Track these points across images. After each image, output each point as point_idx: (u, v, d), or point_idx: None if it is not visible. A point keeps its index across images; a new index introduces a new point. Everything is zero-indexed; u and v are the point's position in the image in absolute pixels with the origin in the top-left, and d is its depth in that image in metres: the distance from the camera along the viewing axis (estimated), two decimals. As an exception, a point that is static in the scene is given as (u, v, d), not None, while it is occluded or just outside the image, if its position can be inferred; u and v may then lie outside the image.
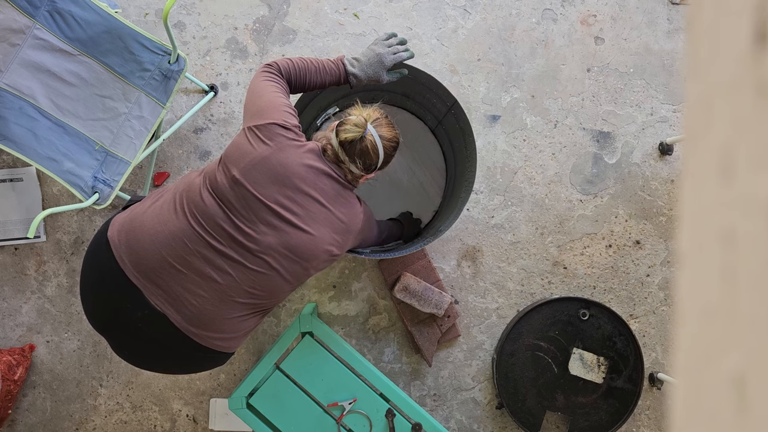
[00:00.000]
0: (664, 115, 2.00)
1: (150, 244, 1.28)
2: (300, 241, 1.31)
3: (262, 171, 1.28)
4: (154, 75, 1.60)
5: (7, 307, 1.97)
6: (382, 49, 1.52)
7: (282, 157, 1.29)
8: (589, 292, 1.97)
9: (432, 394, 1.97)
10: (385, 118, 1.40)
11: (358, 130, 1.33)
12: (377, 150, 1.36)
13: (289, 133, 1.32)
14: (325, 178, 1.32)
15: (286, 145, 1.30)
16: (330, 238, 1.34)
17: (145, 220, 1.32)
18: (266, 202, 1.28)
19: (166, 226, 1.29)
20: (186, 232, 1.28)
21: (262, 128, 1.30)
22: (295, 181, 1.29)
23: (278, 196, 1.28)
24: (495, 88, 2.00)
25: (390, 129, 1.40)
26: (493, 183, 1.98)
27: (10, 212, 1.94)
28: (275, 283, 1.32)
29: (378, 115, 1.40)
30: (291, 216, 1.29)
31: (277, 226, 1.28)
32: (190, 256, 1.27)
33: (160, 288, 1.28)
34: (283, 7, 1.99)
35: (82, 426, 1.97)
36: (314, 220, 1.31)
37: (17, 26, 1.51)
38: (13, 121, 1.50)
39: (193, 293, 1.29)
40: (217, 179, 1.30)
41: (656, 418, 1.97)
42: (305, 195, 1.30)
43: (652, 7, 2.02)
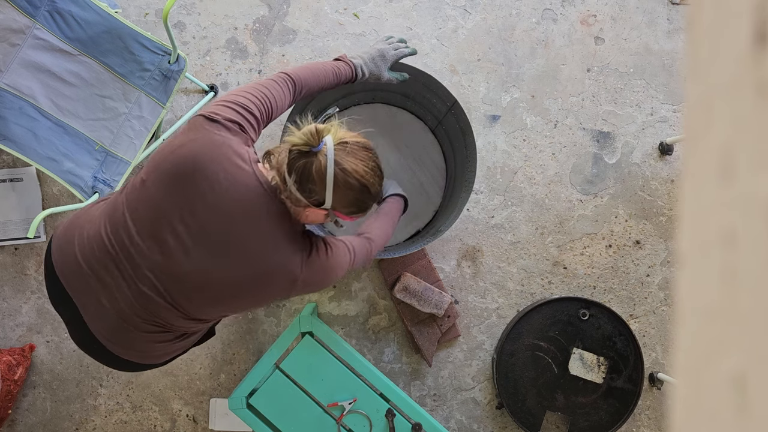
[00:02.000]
0: (664, 115, 2.00)
1: (70, 245, 1.17)
2: (184, 270, 1.08)
3: (166, 171, 1.07)
4: (154, 75, 1.61)
5: (7, 307, 1.97)
6: (383, 45, 1.46)
7: (193, 150, 1.06)
8: (589, 292, 1.97)
9: (432, 394, 1.97)
10: (363, 150, 1.09)
11: (310, 139, 1.04)
12: (323, 178, 1.04)
13: (214, 126, 1.08)
14: (250, 192, 1.06)
15: (205, 138, 1.07)
16: (233, 276, 1.08)
17: (83, 216, 1.21)
18: (162, 213, 1.07)
19: (90, 228, 1.16)
20: (96, 238, 1.13)
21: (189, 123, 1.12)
22: (202, 187, 1.05)
23: (177, 206, 1.06)
24: (495, 88, 2.00)
25: (359, 163, 1.07)
26: (493, 183, 1.98)
27: (10, 212, 1.94)
28: (163, 310, 1.13)
29: (356, 140, 1.09)
30: (185, 237, 1.07)
31: (168, 245, 1.08)
32: (97, 263, 1.13)
33: (76, 291, 1.17)
34: (283, 7, 1.99)
35: (82, 426, 1.97)
36: (215, 247, 1.07)
37: (17, 26, 1.51)
38: (13, 121, 1.50)
39: (98, 302, 1.15)
40: (133, 178, 1.13)
41: (656, 418, 1.97)
42: (212, 211, 1.06)
43: (652, 7, 2.02)
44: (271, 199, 1.08)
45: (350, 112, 1.92)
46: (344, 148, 1.06)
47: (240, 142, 1.10)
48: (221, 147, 1.07)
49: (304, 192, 1.05)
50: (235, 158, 1.07)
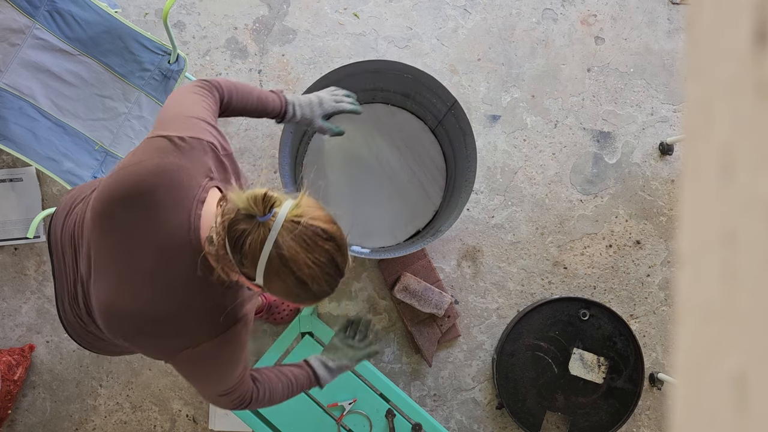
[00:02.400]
0: (664, 115, 2.00)
1: (57, 217, 1.18)
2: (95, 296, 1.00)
3: (108, 186, 0.99)
4: (154, 75, 1.61)
5: (6, 307, 1.97)
6: (325, 94, 1.38)
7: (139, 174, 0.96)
8: (590, 292, 1.97)
9: (432, 395, 1.97)
10: (318, 238, 0.88)
11: (252, 207, 0.87)
12: (256, 256, 0.86)
13: (178, 149, 0.98)
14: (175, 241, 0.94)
15: (159, 161, 0.96)
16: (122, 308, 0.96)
17: (86, 188, 1.19)
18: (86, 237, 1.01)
19: (81, 206, 1.13)
20: (70, 223, 1.12)
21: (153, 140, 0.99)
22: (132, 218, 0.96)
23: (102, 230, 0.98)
24: (495, 88, 2.00)
25: (306, 254, 0.87)
26: (493, 183, 1.98)
27: (9, 212, 1.94)
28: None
29: (314, 223, 0.88)
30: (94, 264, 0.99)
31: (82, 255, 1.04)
32: (67, 245, 1.12)
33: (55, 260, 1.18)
34: (283, 6, 1.99)
35: (82, 426, 1.97)
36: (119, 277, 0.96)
37: (17, 26, 1.51)
38: (13, 121, 1.50)
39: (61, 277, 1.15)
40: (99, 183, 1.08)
41: (656, 418, 1.96)
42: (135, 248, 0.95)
43: (653, 7, 2.02)
44: (194, 258, 0.93)
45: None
46: (294, 229, 0.86)
47: (201, 173, 0.98)
48: (173, 174, 0.96)
49: (235, 258, 0.88)
50: (179, 193, 0.96)
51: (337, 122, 1.92)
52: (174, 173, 0.95)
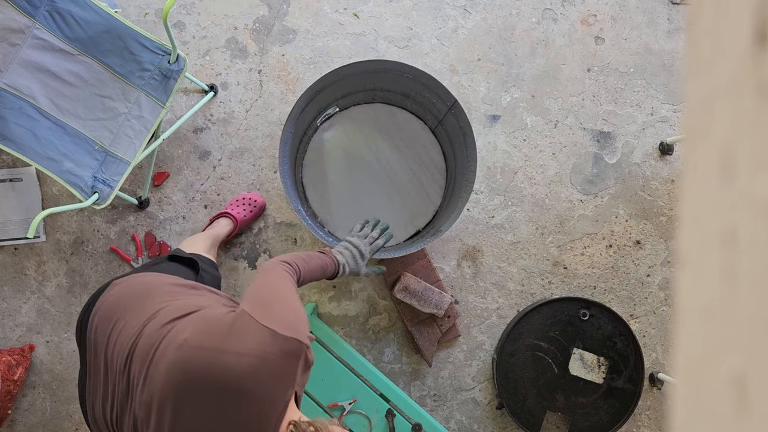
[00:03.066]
0: (664, 115, 2.00)
1: (106, 326, 1.12)
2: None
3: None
4: (153, 75, 1.60)
5: (6, 307, 1.97)
6: (360, 243, 1.48)
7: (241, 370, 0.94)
8: (590, 292, 1.97)
9: (432, 395, 1.97)
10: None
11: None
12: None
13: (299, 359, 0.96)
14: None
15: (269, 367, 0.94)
16: None
17: (132, 296, 1.14)
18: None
19: (130, 326, 1.09)
20: (122, 350, 1.08)
21: (286, 340, 0.96)
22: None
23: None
24: (495, 88, 2.00)
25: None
26: (494, 183, 1.98)
27: (9, 212, 1.94)
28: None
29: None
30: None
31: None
32: (113, 371, 1.09)
33: (92, 367, 1.13)
34: (283, 6, 1.99)
35: (82, 426, 1.97)
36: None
37: (17, 26, 1.51)
38: (13, 121, 1.50)
39: (97, 393, 1.11)
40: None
41: (656, 418, 1.96)
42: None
43: (653, 7, 2.02)
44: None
45: (350, 112, 1.92)
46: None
47: (290, 384, 0.96)
48: (268, 386, 0.93)
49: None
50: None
51: (339, 122, 1.92)
52: (268, 385, 0.93)
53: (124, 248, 1.96)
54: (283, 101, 1.97)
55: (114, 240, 1.97)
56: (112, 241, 1.97)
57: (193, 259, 1.41)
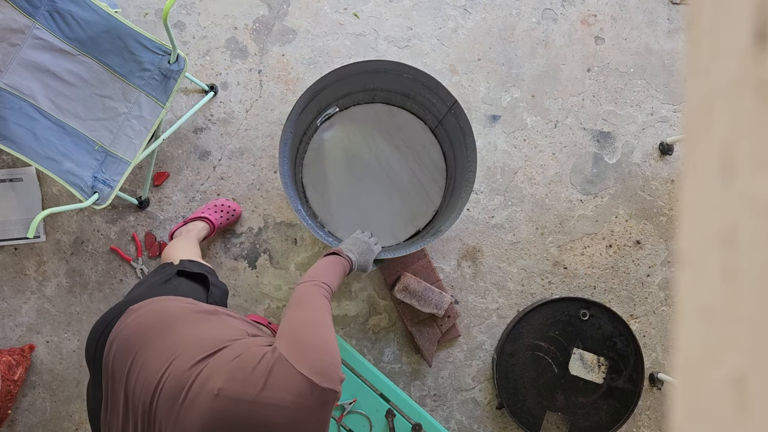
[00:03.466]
0: (664, 115, 2.00)
1: (117, 348, 1.11)
2: None
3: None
4: (153, 75, 1.60)
5: (6, 307, 1.97)
6: (368, 240, 1.53)
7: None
8: (590, 292, 1.97)
9: (432, 395, 1.97)
10: None
11: None
12: None
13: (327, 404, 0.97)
14: None
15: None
16: None
17: (152, 331, 1.11)
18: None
19: (152, 366, 1.07)
20: (146, 388, 1.06)
21: (324, 392, 0.95)
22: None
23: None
24: (495, 88, 2.00)
25: None
26: (493, 183, 1.98)
27: (9, 212, 1.94)
28: None
29: None
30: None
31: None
32: (133, 407, 1.07)
33: (108, 396, 1.11)
34: (283, 6, 1.99)
35: (82, 426, 1.97)
36: None
37: (17, 26, 1.51)
38: (13, 121, 1.50)
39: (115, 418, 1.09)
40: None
41: (656, 418, 1.96)
42: None
43: (653, 7, 2.02)
44: None
45: (350, 112, 1.92)
46: None
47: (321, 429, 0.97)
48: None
49: None
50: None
51: (339, 122, 1.92)
52: (302, 430, 0.94)
53: (124, 248, 1.96)
54: (283, 101, 1.97)
55: (114, 240, 1.97)
56: (112, 241, 1.97)
57: (203, 274, 1.40)
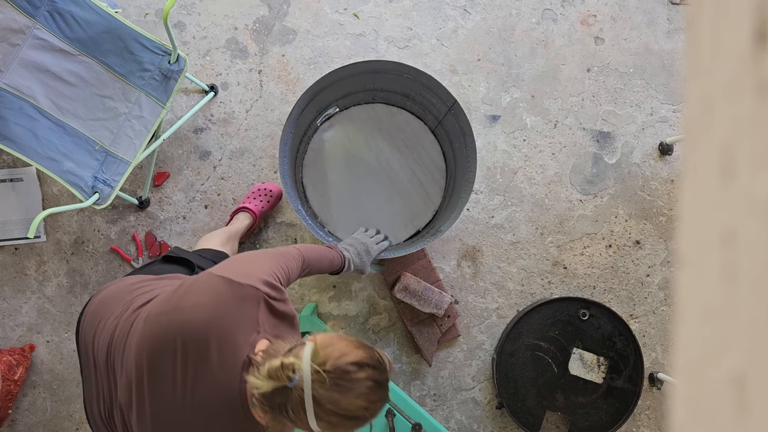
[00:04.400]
0: (664, 115, 2.00)
1: (91, 327, 1.15)
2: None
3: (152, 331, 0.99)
4: (154, 75, 1.60)
5: (7, 307, 1.97)
6: (368, 240, 1.52)
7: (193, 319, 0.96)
8: (589, 292, 1.97)
9: (432, 394, 1.97)
10: (348, 376, 0.89)
11: (276, 382, 0.87)
12: (304, 415, 0.88)
13: (237, 293, 0.98)
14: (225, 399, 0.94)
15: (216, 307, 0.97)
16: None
17: (112, 298, 1.17)
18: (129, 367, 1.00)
19: (109, 320, 1.13)
20: (105, 340, 1.11)
21: (241, 286, 0.98)
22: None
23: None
24: (495, 88, 2.00)
25: (345, 397, 0.88)
26: (493, 183, 1.98)
27: (10, 212, 1.94)
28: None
29: (338, 364, 0.89)
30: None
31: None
32: (99, 365, 1.12)
33: (85, 369, 1.16)
34: (283, 7, 1.99)
35: (83, 426, 1.97)
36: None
37: (17, 26, 1.51)
38: (13, 121, 1.50)
39: (92, 393, 1.13)
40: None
41: (656, 418, 1.96)
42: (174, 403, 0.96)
43: (652, 7, 2.02)
44: (239, 422, 0.93)
45: (350, 112, 1.92)
46: (323, 381, 0.86)
47: (251, 326, 0.96)
48: (226, 328, 0.95)
49: (287, 419, 0.90)
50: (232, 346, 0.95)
51: (339, 122, 1.92)
52: (229, 330, 0.94)
53: (125, 248, 1.96)
54: (283, 101, 1.97)
55: (114, 240, 1.97)
56: (113, 241, 1.97)
57: (186, 258, 1.40)
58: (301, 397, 0.87)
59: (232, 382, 0.93)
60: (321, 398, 0.87)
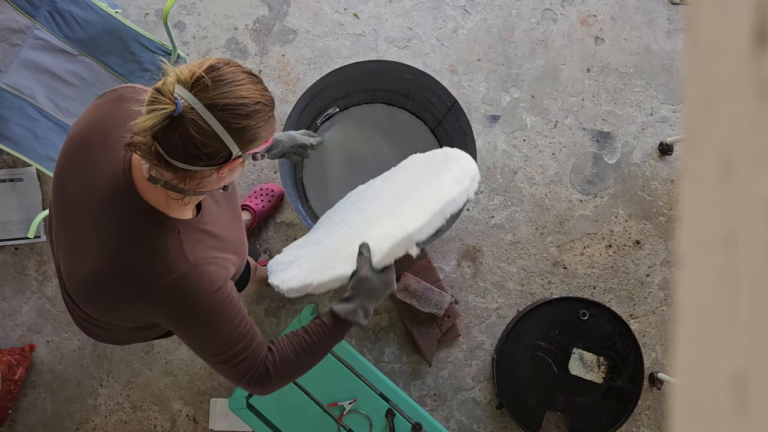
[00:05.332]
0: (664, 115, 2.00)
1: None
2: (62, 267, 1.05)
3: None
4: (154, 75, 1.61)
5: (7, 307, 1.97)
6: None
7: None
8: (589, 292, 1.97)
9: (432, 394, 1.97)
10: (220, 69, 0.86)
11: (160, 111, 0.80)
12: (212, 134, 0.84)
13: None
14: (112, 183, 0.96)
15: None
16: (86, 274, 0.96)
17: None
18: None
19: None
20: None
21: None
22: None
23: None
24: (495, 88, 2.00)
25: (229, 85, 0.85)
26: (493, 183, 1.98)
27: (10, 212, 1.94)
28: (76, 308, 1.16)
29: (203, 67, 0.85)
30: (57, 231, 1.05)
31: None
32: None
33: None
34: (283, 7, 1.99)
35: (82, 426, 1.97)
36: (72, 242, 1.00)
37: (17, 26, 1.51)
38: (14, 121, 1.50)
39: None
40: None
41: (656, 418, 1.97)
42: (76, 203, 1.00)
43: (652, 7, 2.01)
44: (133, 202, 0.94)
45: (350, 112, 1.92)
46: (204, 87, 0.83)
47: (128, 120, 0.88)
48: (102, 127, 0.99)
49: (202, 162, 0.85)
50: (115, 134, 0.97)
51: (339, 122, 1.91)
52: (103, 126, 0.99)
53: (124, 248, 1.96)
54: (284, 101, 1.97)
55: (114, 240, 1.97)
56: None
57: None
58: (199, 116, 0.82)
59: (116, 169, 0.95)
60: (212, 102, 0.83)
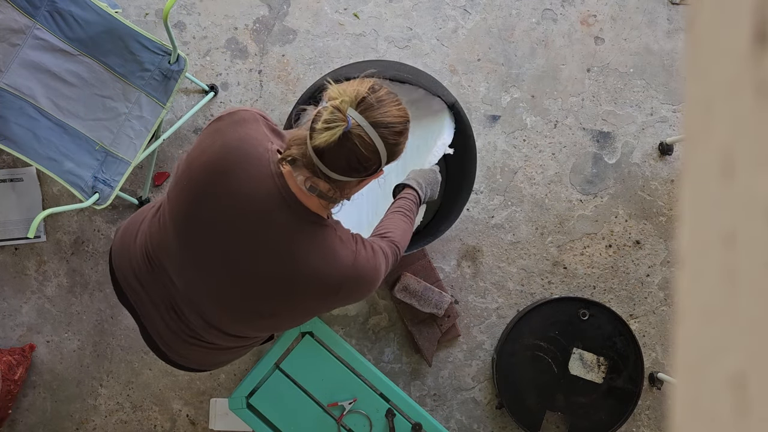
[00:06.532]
0: (664, 115, 2.00)
1: (125, 252, 1.20)
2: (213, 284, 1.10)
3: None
4: (154, 75, 1.60)
5: (7, 307, 1.97)
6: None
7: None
8: (589, 292, 1.97)
9: (432, 394, 1.97)
10: (378, 91, 0.99)
11: (335, 127, 0.93)
12: (375, 149, 0.96)
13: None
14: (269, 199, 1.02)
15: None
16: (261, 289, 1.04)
17: (138, 219, 1.25)
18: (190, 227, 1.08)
19: (140, 237, 1.19)
20: (140, 251, 1.17)
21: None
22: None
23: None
24: (495, 88, 2.00)
25: (389, 108, 0.98)
26: (493, 183, 1.98)
27: (10, 212, 1.94)
28: (200, 330, 1.16)
29: (363, 88, 0.97)
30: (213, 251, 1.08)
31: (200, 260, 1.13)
32: (144, 277, 1.15)
33: (134, 300, 1.20)
34: (283, 7, 1.99)
35: (82, 426, 1.97)
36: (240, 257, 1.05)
37: (17, 26, 1.51)
38: (13, 121, 1.50)
39: (153, 313, 1.18)
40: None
41: (656, 418, 1.97)
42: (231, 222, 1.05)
43: (652, 7, 2.01)
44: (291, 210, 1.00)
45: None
46: (369, 104, 0.95)
47: (263, 139, 1.02)
48: (240, 148, 1.01)
49: (357, 174, 0.98)
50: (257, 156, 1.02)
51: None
52: (240, 147, 1.00)
53: (124, 248, 1.96)
54: (284, 101, 1.97)
55: (114, 240, 1.97)
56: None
57: None
58: (362, 132, 0.94)
59: (270, 186, 0.98)
60: (376, 120, 0.95)
